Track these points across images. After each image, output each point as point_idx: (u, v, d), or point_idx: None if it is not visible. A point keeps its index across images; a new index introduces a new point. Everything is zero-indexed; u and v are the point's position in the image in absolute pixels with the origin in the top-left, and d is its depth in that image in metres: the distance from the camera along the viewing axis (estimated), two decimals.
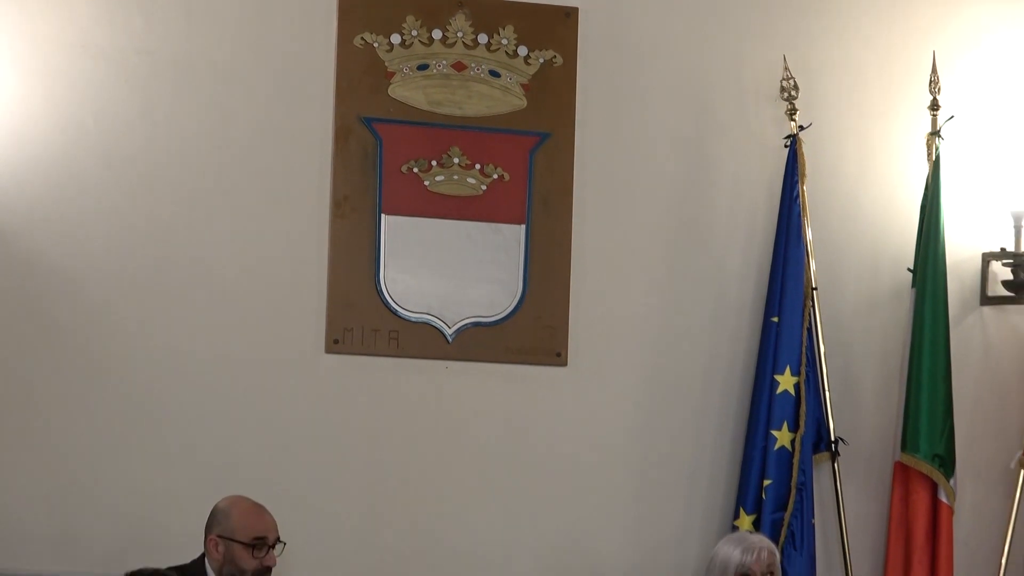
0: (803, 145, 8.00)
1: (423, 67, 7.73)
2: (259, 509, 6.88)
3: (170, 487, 7.38)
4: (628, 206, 7.99)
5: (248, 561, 6.82)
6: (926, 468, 8.00)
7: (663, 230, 8.04)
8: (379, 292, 7.69)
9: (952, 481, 8.03)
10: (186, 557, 6.78)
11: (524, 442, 7.84)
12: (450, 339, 7.75)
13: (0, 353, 7.32)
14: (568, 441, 7.88)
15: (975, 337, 8.33)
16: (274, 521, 6.81)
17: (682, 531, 7.98)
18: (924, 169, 8.12)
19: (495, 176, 7.80)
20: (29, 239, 7.34)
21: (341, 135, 7.65)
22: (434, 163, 7.74)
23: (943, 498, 8.03)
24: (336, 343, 7.65)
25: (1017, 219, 8.23)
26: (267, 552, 6.82)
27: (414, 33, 7.70)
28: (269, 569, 6.83)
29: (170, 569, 6.25)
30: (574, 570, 7.86)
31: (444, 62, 7.75)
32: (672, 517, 7.98)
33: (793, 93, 8.01)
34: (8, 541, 7.28)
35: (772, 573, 7.26)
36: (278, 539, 6.84)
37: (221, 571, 6.81)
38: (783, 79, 8.02)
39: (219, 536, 6.81)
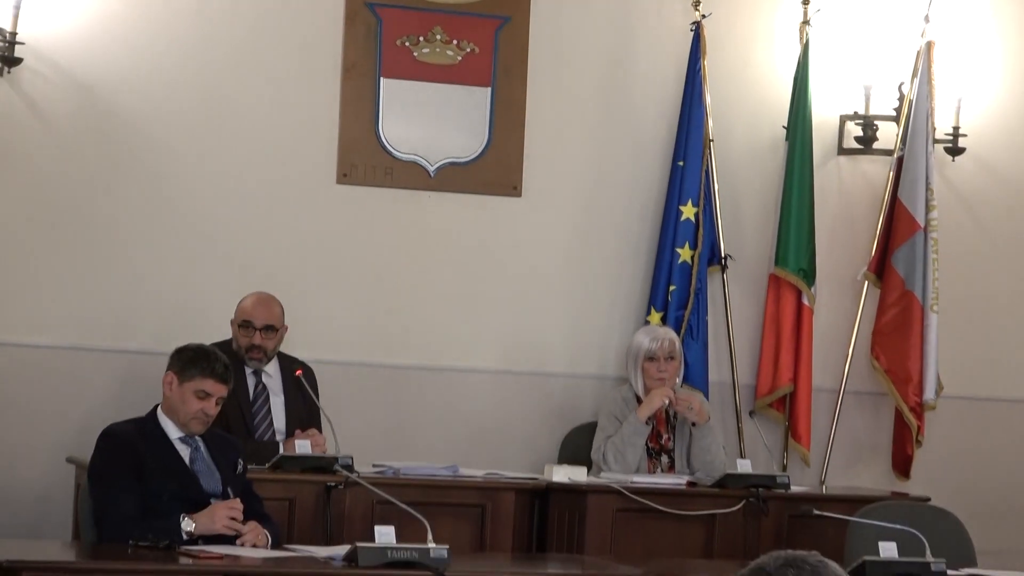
0: (705, 30, 8.01)
1: None
2: (260, 301, 7.06)
3: (212, 283, 7.49)
4: (570, 73, 8.04)
5: (239, 339, 6.99)
6: (793, 278, 8.11)
7: (597, 93, 8.09)
8: (378, 137, 7.75)
9: (813, 289, 8.15)
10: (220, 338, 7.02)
11: (488, 254, 7.94)
12: (432, 174, 7.83)
13: (84, 176, 7.39)
14: (521, 253, 7.99)
15: (833, 179, 8.38)
16: (269, 312, 7.02)
17: (607, 324, 8.08)
18: (797, 49, 8.17)
19: (468, 49, 7.85)
20: (110, 90, 7.44)
21: (350, 16, 7.69)
22: (421, 39, 7.78)
23: (806, 302, 8.14)
24: (344, 176, 7.72)
25: (867, 89, 8.32)
26: (253, 333, 6.95)
27: None
28: (256, 347, 6.98)
29: (212, 344, 6.38)
30: (524, 351, 7.98)
31: None
32: (600, 313, 8.09)
33: None
34: (83, 323, 7.39)
35: (673, 356, 7.42)
36: (270, 326, 6.98)
37: (233, 346, 6.98)
38: None
39: (232, 319, 6.98)
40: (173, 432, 5.90)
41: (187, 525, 5.62)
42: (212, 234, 7.58)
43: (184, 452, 5.92)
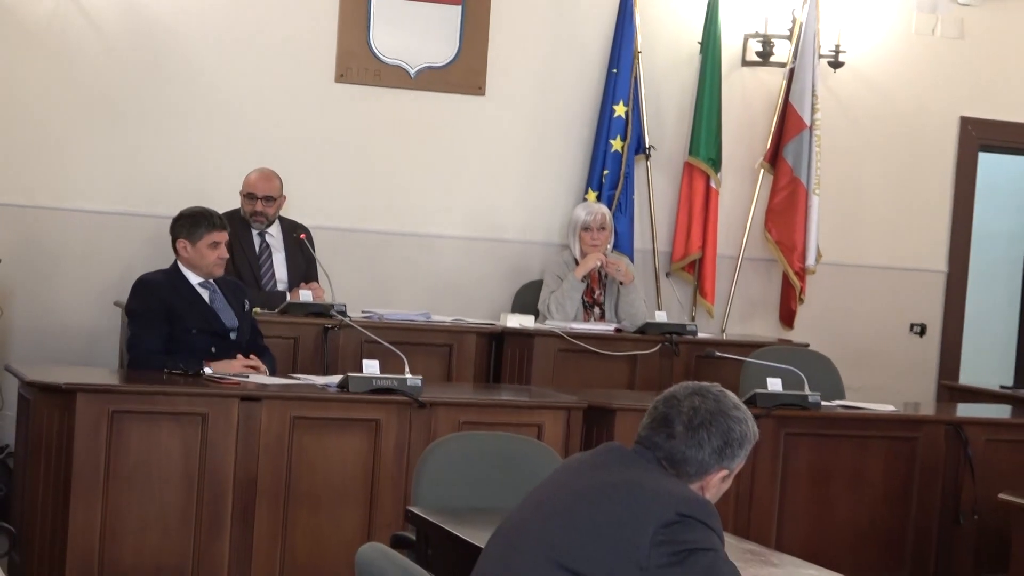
0: None
1: None
2: (262, 176, 7.01)
3: (229, 163, 7.37)
4: None
5: (244, 207, 6.98)
6: (703, 166, 8.10)
7: (548, 12, 7.99)
8: (369, 45, 7.66)
9: (719, 174, 8.15)
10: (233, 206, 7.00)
11: (457, 141, 7.88)
12: (413, 76, 7.75)
13: (126, 72, 7.32)
14: (484, 142, 7.93)
15: (737, 86, 8.33)
16: (269, 185, 6.97)
17: (553, 200, 8.05)
18: None
19: None
20: (151, 7, 7.34)
21: None
22: None
23: (713, 185, 8.14)
24: (341, 76, 7.64)
25: (766, 13, 8.25)
26: (256, 202, 6.92)
27: None
28: (258, 212, 6.94)
29: (224, 213, 6.33)
30: (485, 221, 7.96)
31: None
32: (547, 191, 8.06)
33: None
34: (124, 193, 7.37)
35: (604, 228, 7.43)
36: (270, 196, 6.92)
37: (241, 212, 6.96)
38: None
39: (240, 191, 6.97)
40: (194, 279, 5.95)
41: (208, 371, 5.66)
42: (231, 122, 7.51)
43: (205, 294, 5.97)
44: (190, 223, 5.90)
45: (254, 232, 7.00)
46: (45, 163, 7.27)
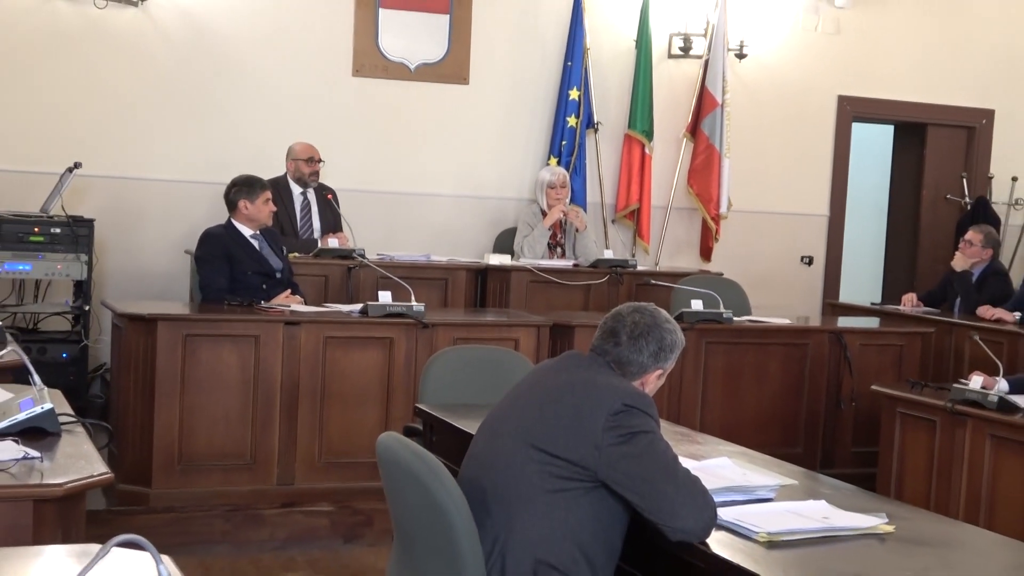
0: None
1: None
2: (310, 146, 6.96)
3: (271, 139, 7.28)
4: (500, 4, 7.87)
5: (301, 168, 6.91)
6: (639, 136, 8.07)
7: (517, 18, 7.91)
8: (378, 46, 7.58)
9: (651, 143, 8.11)
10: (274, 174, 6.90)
11: (447, 120, 7.81)
12: (412, 70, 7.68)
13: (188, 69, 7.23)
14: (469, 120, 7.86)
15: (664, 74, 8.24)
16: (316, 152, 6.91)
17: (523, 164, 8.00)
18: None
19: None
20: (205, 14, 7.28)
21: None
22: None
23: (647, 151, 8.10)
24: (357, 71, 7.56)
25: (685, 16, 8.22)
26: (314, 164, 6.88)
27: None
28: (314, 172, 6.90)
29: (269, 179, 6.28)
30: (470, 182, 7.89)
31: None
32: (519, 158, 8.00)
33: None
34: (190, 165, 7.26)
35: (565, 185, 7.42)
36: (320, 159, 6.89)
37: (294, 176, 6.89)
38: None
39: (290, 159, 6.90)
40: (247, 231, 5.92)
41: (264, 304, 5.68)
42: (273, 109, 7.44)
43: (255, 244, 5.93)
44: (247, 187, 5.88)
45: (295, 192, 6.96)
46: (130, 143, 7.20)
